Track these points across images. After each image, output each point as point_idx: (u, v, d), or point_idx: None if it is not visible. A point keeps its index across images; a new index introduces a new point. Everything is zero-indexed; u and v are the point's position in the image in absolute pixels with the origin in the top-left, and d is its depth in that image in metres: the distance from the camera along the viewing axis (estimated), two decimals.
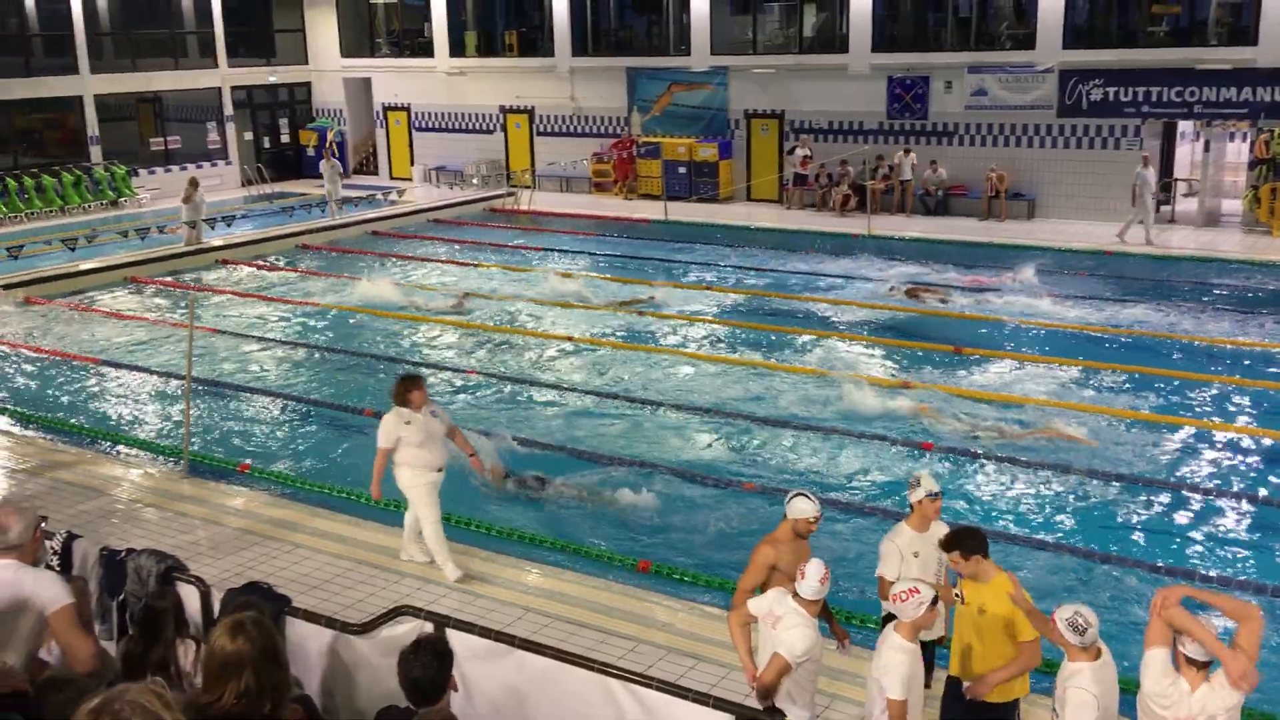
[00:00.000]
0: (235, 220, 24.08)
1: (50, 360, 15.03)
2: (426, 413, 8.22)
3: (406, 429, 8.08)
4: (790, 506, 6.22)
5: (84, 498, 9.75)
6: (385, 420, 8.18)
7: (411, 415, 8.12)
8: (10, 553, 4.56)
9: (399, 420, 8.11)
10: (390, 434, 8.10)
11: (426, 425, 8.17)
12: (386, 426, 8.14)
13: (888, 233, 22.17)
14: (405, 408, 8.13)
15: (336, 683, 5.71)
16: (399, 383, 8.27)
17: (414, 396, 8.13)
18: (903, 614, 5.27)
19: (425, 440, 8.13)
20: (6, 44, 27.59)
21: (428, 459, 8.17)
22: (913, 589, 5.28)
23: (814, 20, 26.50)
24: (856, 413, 12.20)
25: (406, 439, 8.08)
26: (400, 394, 8.15)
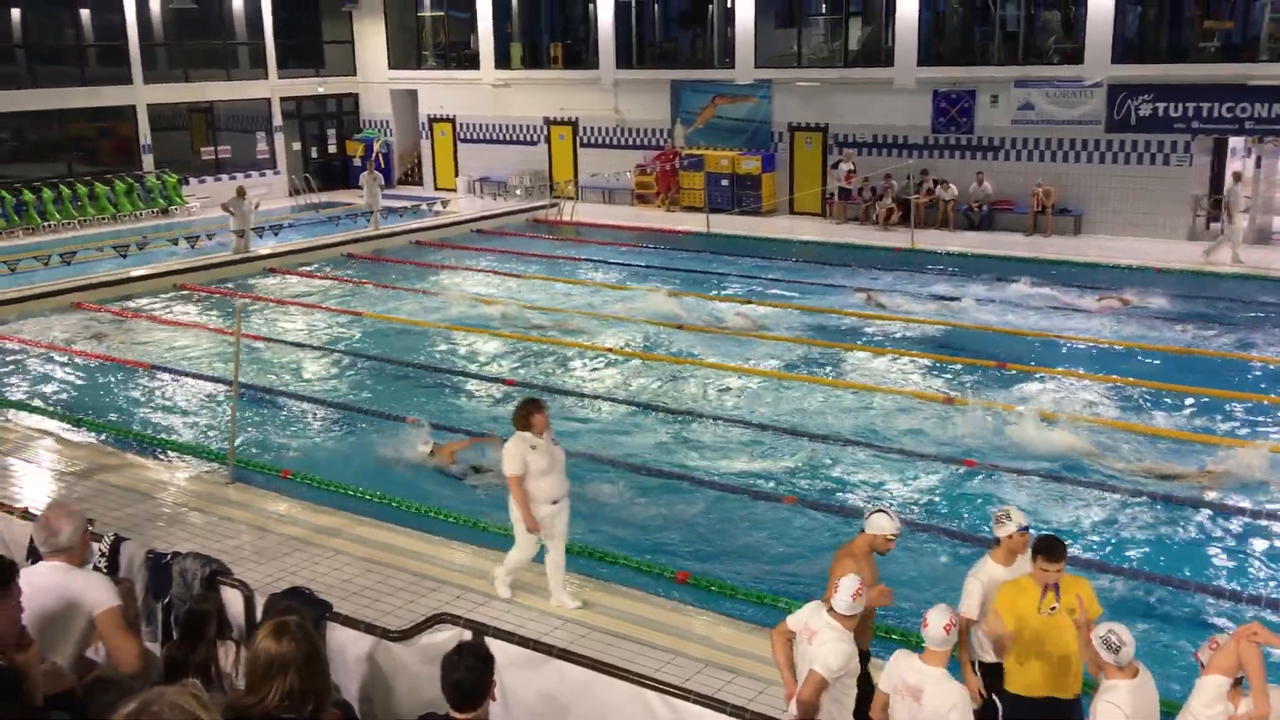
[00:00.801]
0: (282, 229, 24.40)
1: (100, 365, 15.29)
2: (549, 438, 7.78)
3: (532, 455, 7.64)
4: (869, 522, 6.12)
5: (131, 501, 9.90)
6: (509, 447, 7.70)
7: (535, 440, 7.66)
8: (60, 555, 4.65)
9: (524, 446, 7.66)
10: (518, 460, 7.63)
11: (550, 452, 7.73)
12: (512, 453, 7.66)
13: (931, 247, 22.03)
14: (528, 432, 7.67)
15: (375, 688, 5.75)
16: (521, 407, 7.82)
17: (536, 420, 7.67)
18: (942, 645, 5.22)
19: (549, 468, 7.69)
20: (63, 54, 28.17)
21: (547, 489, 7.72)
22: (951, 623, 5.23)
23: (859, 34, 26.44)
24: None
25: (531, 466, 7.63)
26: (522, 418, 7.72)
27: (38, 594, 4.46)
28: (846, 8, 26.31)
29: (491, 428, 12.42)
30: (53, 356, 15.86)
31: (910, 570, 8.87)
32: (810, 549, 9.44)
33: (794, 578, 8.95)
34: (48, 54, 27.95)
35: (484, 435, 11.65)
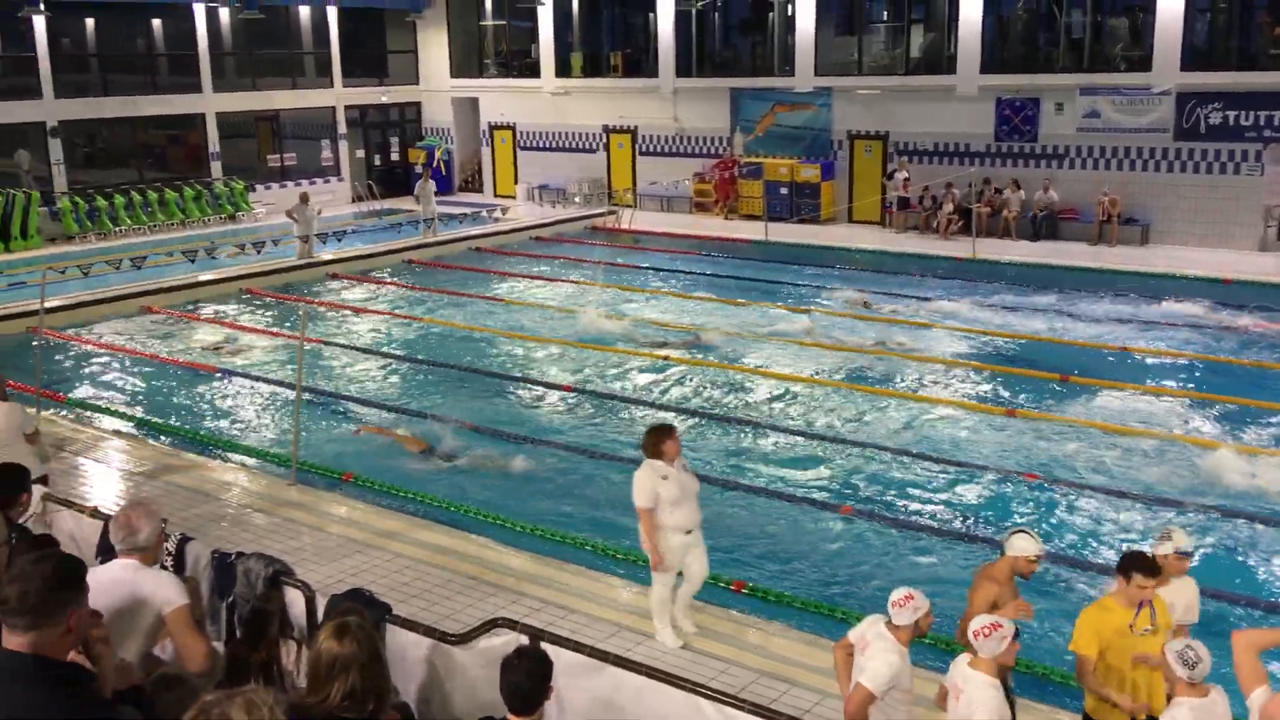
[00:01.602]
0: (345, 235, 24.77)
1: (168, 368, 15.62)
2: (679, 466, 7.37)
3: (663, 485, 7.23)
4: (1010, 544, 5.96)
5: (197, 501, 10.10)
6: (639, 476, 7.30)
7: (666, 469, 7.26)
8: (135, 554, 4.76)
9: (654, 475, 7.24)
10: (649, 491, 7.23)
11: (681, 481, 7.32)
12: (643, 483, 7.26)
13: (993, 257, 21.77)
14: (659, 460, 7.27)
15: (433, 690, 5.81)
16: (651, 434, 7.43)
17: (668, 447, 7.27)
18: (983, 650, 5.14)
19: (681, 498, 7.28)
20: (135, 63, 28.89)
21: (680, 519, 7.30)
22: (995, 624, 5.15)
23: (921, 41, 26.24)
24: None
25: (663, 496, 7.23)
26: (653, 445, 7.31)
27: (108, 591, 4.57)
28: (908, 15, 26.13)
29: (549, 434, 12.52)
30: (123, 359, 16.23)
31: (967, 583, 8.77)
32: (866, 560, 9.39)
33: (850, 588, 8.90)
34: (120, 63, 28.68)
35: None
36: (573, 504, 10.60)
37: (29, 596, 3.22)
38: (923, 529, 9.92)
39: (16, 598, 3.22)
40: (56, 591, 3.29)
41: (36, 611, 3.21)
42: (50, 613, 3.24)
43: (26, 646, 3.21)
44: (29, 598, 3.22)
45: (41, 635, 3.22)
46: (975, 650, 5.14)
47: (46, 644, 3.24)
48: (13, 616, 3.21)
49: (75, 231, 25.57)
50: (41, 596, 3.24)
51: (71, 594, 3.35)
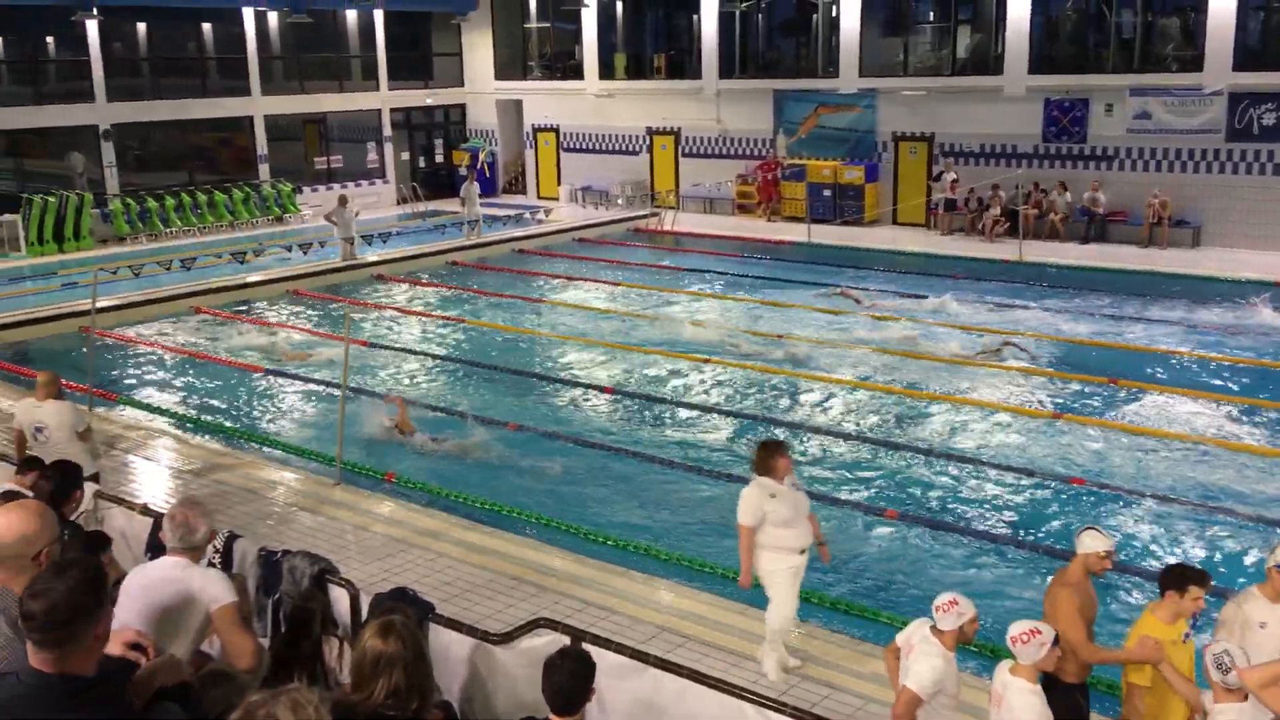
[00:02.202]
0: (390, 237, 24.97)
1: (217, 368, 15.83)
2: (790, 483, 7.08)
3: (772, 503, 6.90)
4: (1080, 542, 5.87)
5: (244, 500, 10.22)
6: (746, 494, 6.98)
7: (776, 487, 6.94)
8: (187, 551, 4.83)
9: (763, 493, 6.92)
10: (754, 510, 6.91)
11: (793, 499, 7.02)
12: (750, 502, 6.94)
13: (1040, 259, 21.54)
14: (768, 477, 6.97)
15: (475, 689, 5.84)
16: (761, 449, 7.13)
17: (779, 464, 6.97)
18: (1023, 656, 5.09)
19: (792, 517, 6.97)
20: (186, 67, 29.32)
21: (793, 540, 6.99)
22: (1034, 629, 5.09)
23: (968, 41, 26.01)
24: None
25: (771, 516, 6.91)
26: (763, 462, 7.01)
27: (158, 587, 4.64)
28: (955, 15, 25.92)
29: (593, 435, 12.54)
30: (172, 359, 16.47)
31: (1013, 589, 8.69)
32: (909, 564, 9.32)
33: (893, 592, 8.84)
34: (171, 67, 29.11)
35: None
36: (617, 505, 10.62)
37: (57, 612, 3.06)
38: (967, 533, 9.83)
39: (44, 613, 3.06)
40: (84, 602, 3.14)
41: (63, 626, 3.08)
42: (79, 626, 3.12)
43: (53, 663, 3.08)
44: (57, 613, 3.06)
45: (68, 651, 3.10)
46: (1016, 656, 5.10)
47: (74, 658, 3.12)
48: (39, 633, 3.06)
49: (126, 233, 25.99)
50: (67, 612, 3.08)
51: (97, 604, 3.21)
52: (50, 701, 3.05)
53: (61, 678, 3.07)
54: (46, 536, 3.60)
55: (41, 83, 26.68)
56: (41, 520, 3.62)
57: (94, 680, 3.18)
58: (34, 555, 3.54)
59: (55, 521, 3.69)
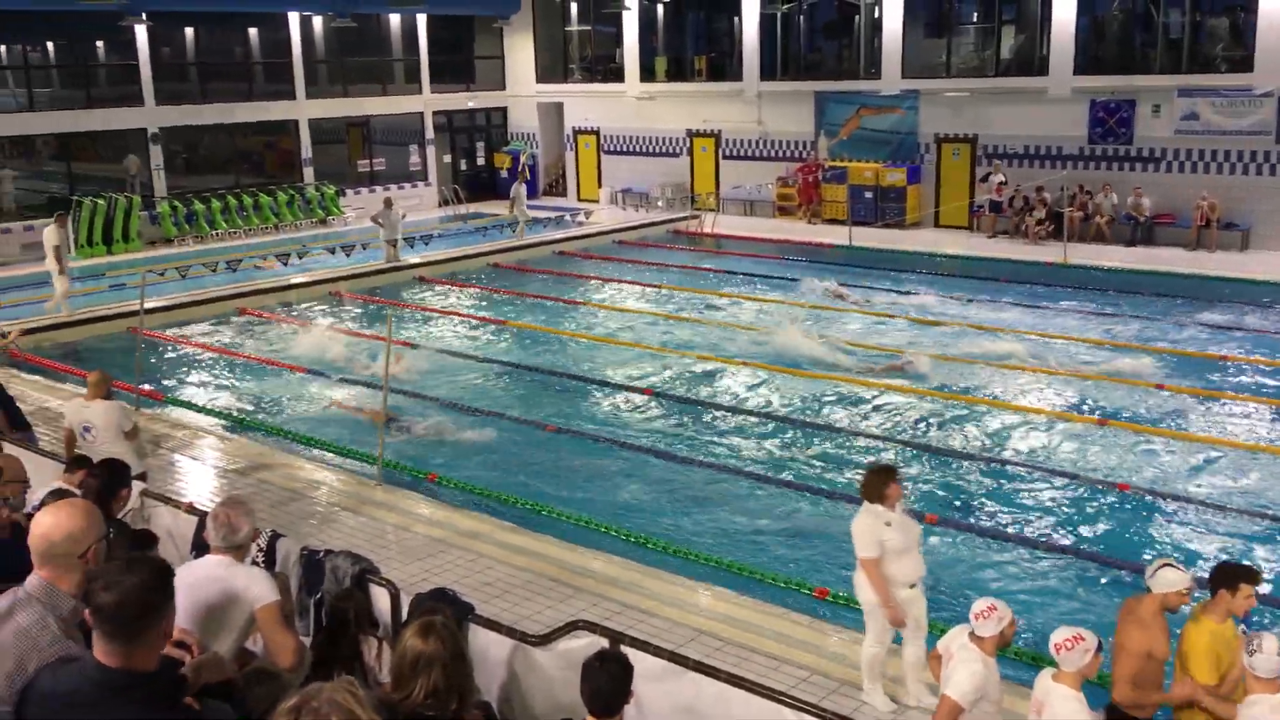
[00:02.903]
0: (432, 239, 25.13)
1: (262, 368, 16.01)
2: (901, 510, 6.81)
3: (887, 533, 6.61)
4: (1157, 579, 5.52)
5: (287, 499, 10.33)
6: (860, 524, 6.69)
7: (890, 515, 6.66)
8: (231, 550, 4.89)
9: (878, 522, 6.62)
10: (873, 540, 6.61)
11: (905, 527, 6.73)
12: (866, 531, 6.63)
13: (1085, 262, 21.29)
14: (881, 505, 6.68)
15: (513, 690, 5.87)
16: (873, 476, 6.84)
17: (892, 490, 6.70)
18: (1066, 663, 5.03)
19: (906, 546, 6.66)
20: (232, 71, 29.72)
21: (907, 571, 6.65)
22: (1078, 636, 5.03)
23: (1012, 42, 25.76)
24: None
25: (887, 545, 6.61)
26: (875, 488, 6.72)
27: (202, 586, 4.70)
28: (999, 16, 25.68)
29: (632, 437, 12.55)
30: (218, 359, 16.69)
31: (1055, 595, 8.60)
32: (952, 570, 9.23)
33: (936, 598, 8.75)
34: (218, 71, 29.52)
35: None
36: (656, 508, 10.62)
37: (127, 606, 3.09)
38: (1010, 539, 9.73)
39: (114, 607, 3.09)
40: (153, 598, 3.18)
41: (133, 621, 3.11)
42: (147, 621, 3.16)
43: (120, 657, 3.11)
44: (127, 608, 3.09)
45: (135, 646, 3.13)
46: (1059, 664, 5.05)
47: (140, 654, 3.15)
48: (109, 626, 3.09)
49: (174, 235, 26.36)
50: (138, 607, 3.12)
51: (165, 601, 3.26)
52: (115, 695, 3.09)
53: (126, 672, 3.11)
54: (93, 535, 3.65)
55: (92, 87, 27.14)
56: (88, 519, 3.67)
57: (156, 675, 3.22)
58: (81, 554, 3.60)
59: (102, 520, 3.74)
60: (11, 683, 3.37)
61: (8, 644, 3.43)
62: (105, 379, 9.46)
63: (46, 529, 3.56)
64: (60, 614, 3.48)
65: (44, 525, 3.58)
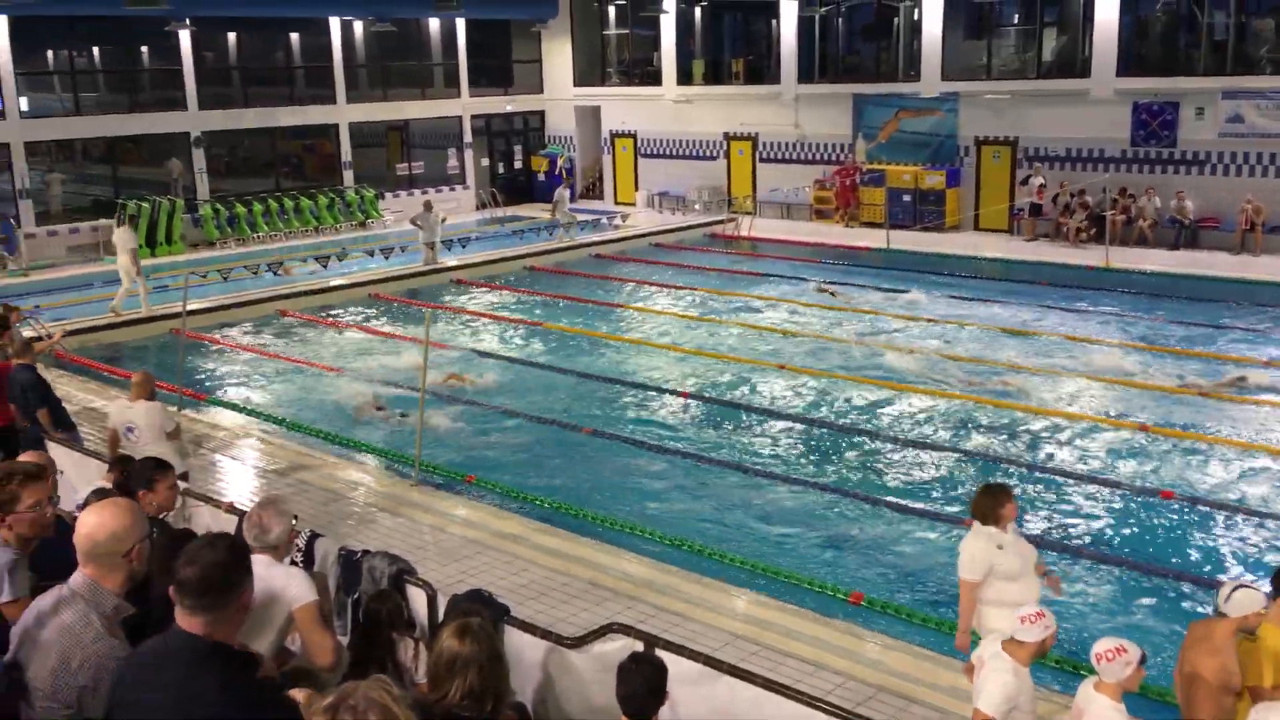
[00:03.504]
0: (469, 242, 25.25)
1: (302, 369, 16.16)
2: (1015, 531, 6.43)
3: (999, 555, 6.21)
4: (1232, 603, 5.28)
5: (325, 499, 10.42)
6: (972, 546, 6.30)
7: (1002, 537, 6.27)
8: (268, 550, 4.94)
9: (989, 545, 6.23)
10: (980, 564, 6.22)
11: (1020, 549, 6.34)
12: (974, 554, 6.26)
13: (1128, 266, 21.04)
14: (993, 526, 6.29)
15: (548, 692, 5.88)
16: (985, 495, 6.42)
17: (1006, 510, 6.30)
18: (1107, 674, 4.95)
19: (1020, 570, 6.27)
20: (274, 75, 30.04)
21: (1023, 595, 6.14)
22: (1120, 647, 4.96)
23: (1054, 44, 25.52)
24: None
25: (998, 569, 6.21)
26: (988, 508, 6.31)
27: None
28: (1040, 17, 25.45)
29: (668, 440, 12.55)
30: (259, 361, 16.86)
31: (1098, 604, 8.50)
32: None
33: None
34: (260, 76, 29.85)
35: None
36: (692, 511, 10.61)
37: (208, 580, 3.31)
38: (1052, 546, 9.62)
39: (196, 580, 3.30)
40: (231, 573, 3.39)
41: (215, 593, 3.31)
42: (226, 595, 3.35)
43: (201, 628, 3.30)
44: (208, 581, 3.30)
45: (216, 617, 3.32)
46: (1099, 674, 4.98)
47: (220, 626, 3.34)
48: (192, 599, 3.29)
49: (216, 237, 26.67)
50: (219, 579, 3.33)
51: (243, 576, 3.46)
52: (201, 661, 3.27)
53: (210, 640, 3.30)
54: (136, 534, 3.70)
55: (137, 91, 27.54)
56: (131, 518, 3.73)
57: (239, 650, 3.44)
58: (125, 552, 3.65)
59: (145, 519, 3.80)
60: (55, 678, 3.42)
61: (52, 640, 3.48)
62: (148, 380, 9.58)
63: (90, 528, 3.62)
64: (104, 611, 3.53)
65: (88, 524, 3.64)
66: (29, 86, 25.76)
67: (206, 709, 3.21)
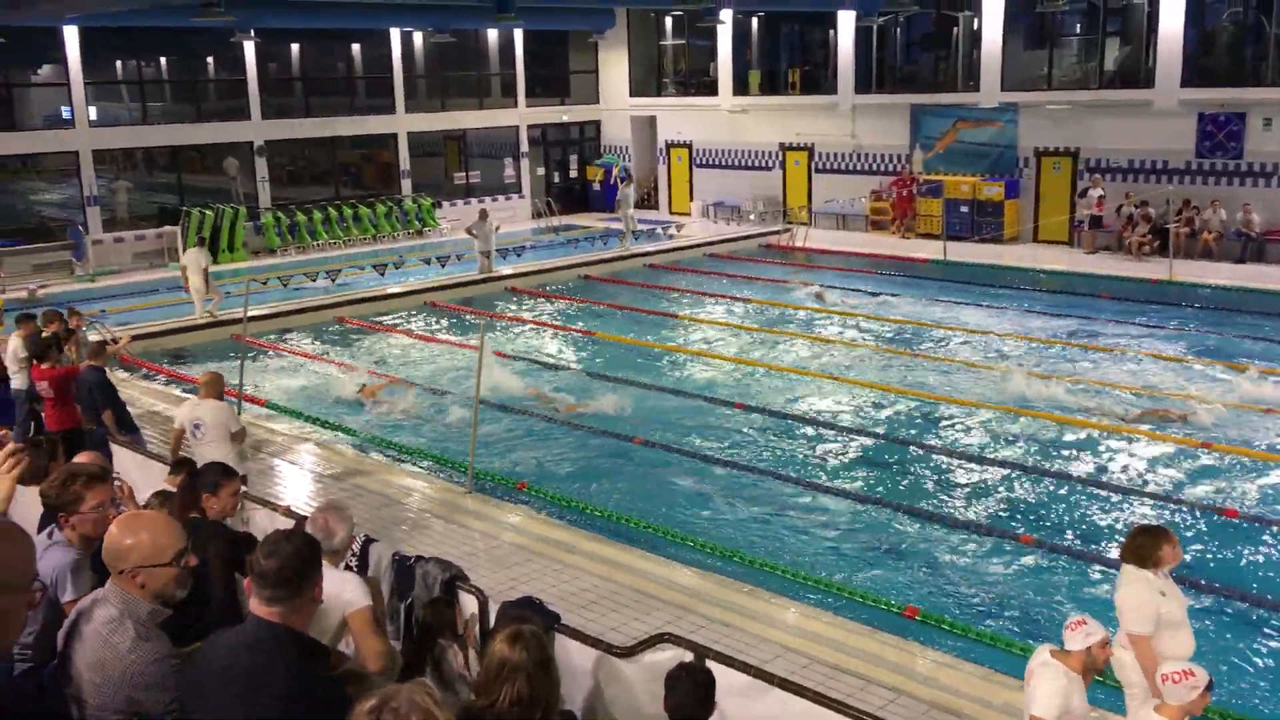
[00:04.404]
0: (524, 251, 25.40)
1: (359, 376, 16.32)
2: (1165, 572, 5.89)
3: (1165, 604, 5.70)
4: None
5: (380, 505, 10.52)
6: (1135, 594, 5.74)
7: (1164, 583, 5.79)
8: (327, 555, 4.99)
9: (1152, 591, 5.71)
10: (1149, 611, 5.67)
11: (1178, 595, 5.92)
12: (1142, 604, 5.69)
13: (1191, 279, 20.63)
14: (1151, 570, 5.80)
15: (596, 701, 5.87)
16: (1145, 536, 5.93)
17: (1166, 553, 5.81)
18: (1171, 695, 4.85)
19: (1182, 618, 5.81)
20: (335, 86, 30.49)
21: (1184, 646, 5.73)
22: (1188, 671, 4.85)
23: (1116, 54, 25.14)
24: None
25: (1164, 618, 5.69)
26: (1148, 550, 5.82)
27: None
28: (1103, 27, 25.09)
29: (720, 451, 12.52)
30: (317, 367, 17.08)
31: None
32: (1048, 590, 9.01)
33: (1029, 620, 8.56)
34: (321, 86, 30.32)
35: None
36: (743, 522, 10.56)
37: (287, 569, 3.47)
38: (1109, 563, 9.45)
39: (275, 571, 3.46)
40: (306, 565, 3.55)
41: (291, 583, 3.47)
42: (301, 585, 3.50)
43: (278, 617, 3.46)
44: (286, 570, 3.47)
45: (292, 606, 3.48)
46: (1163, 694, 4.89)
47: (294, 616, 3.49)
48: (270, 588, 3.45)
49: (277, 245, 27.10)
50: (295, 569, 3.49)
51: (316, 568, 3.62)
52: (277, 647, 3.43)
53: (289, 630, 3.48)
54: (165, 553, 3.64)
55: (201, 101, 28.10)
56: (169, 534, 3.68)
57: (313, 640, 3.59)
58: (166, 561, 3.61)
59: (178, 533, 3.75)
60: (98, 687, 3.41)
61: (89, 642, 3.48)
62: (218, 379, 9.79)
63: (114, 541, 3.61)
64: (138, 618, 3.52)
65: (112, 537, 3.63)
66: (98, 96, 26.40)
67: (279, 693, 3.36)
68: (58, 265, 24.33)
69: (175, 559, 3.62)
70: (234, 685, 3.38)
